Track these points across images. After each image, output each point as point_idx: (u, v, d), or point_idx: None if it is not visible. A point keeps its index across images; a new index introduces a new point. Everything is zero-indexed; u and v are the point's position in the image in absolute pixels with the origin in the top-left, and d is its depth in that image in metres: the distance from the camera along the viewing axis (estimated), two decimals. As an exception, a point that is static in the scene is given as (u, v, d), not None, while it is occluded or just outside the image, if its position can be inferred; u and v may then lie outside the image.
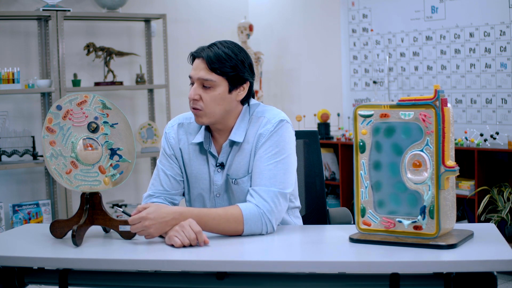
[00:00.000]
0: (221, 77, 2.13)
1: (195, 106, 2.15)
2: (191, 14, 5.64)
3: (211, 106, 2.13)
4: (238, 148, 2.20)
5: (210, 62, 2.11)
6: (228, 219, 2.02)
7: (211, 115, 2.15)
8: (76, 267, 1.97)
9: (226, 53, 2.12)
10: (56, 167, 2.04)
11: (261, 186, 2.10)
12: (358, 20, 5.14)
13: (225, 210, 2.05)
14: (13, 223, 4.59)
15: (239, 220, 2.02)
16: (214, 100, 2.13)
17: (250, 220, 2.03)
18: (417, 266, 1.73)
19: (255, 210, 2.05)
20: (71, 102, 2.08)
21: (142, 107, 5.41)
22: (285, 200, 2.12)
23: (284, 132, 2.17)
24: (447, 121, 1.80)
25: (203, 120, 2.16)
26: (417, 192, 1.85)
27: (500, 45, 4.22)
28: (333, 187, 5.25)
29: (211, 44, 2.17)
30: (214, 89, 2.13)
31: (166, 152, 2.28)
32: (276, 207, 2.08)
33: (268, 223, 2.06)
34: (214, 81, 2.12)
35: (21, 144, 4.65)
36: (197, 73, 2.13)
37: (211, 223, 2.01)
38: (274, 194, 2.08)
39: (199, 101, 2.14)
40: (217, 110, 2.15)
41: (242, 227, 2.03)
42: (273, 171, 2.11)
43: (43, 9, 4.69)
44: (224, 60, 2.11)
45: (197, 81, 2.14)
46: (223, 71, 2.12)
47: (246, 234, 2.04)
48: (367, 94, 5.13)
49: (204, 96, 2.13)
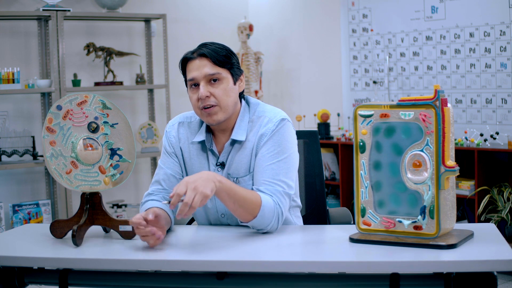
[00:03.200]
0: (226, 70, 2.16)
1: (208, 104, 2.14)
2: (191, 14, 5.65)
3: (224, 99, 2.15)
4: (239, 147, 2.20)
5: (213, 56, 2.14)
6: (252, 198, 2.04)
7: (226, 109, 2.16)
8: (76, 267, 1.97)
9: (220, 47, 2.17)
10: (56, 167, 2.04)
11: (265, 185, 2.11)
12: (358, 20, 5.14)
13: (250, 190, 2.08)
14: (13, 223, 4.59)
15: (258, 203, 2.04)
16: (225, 92, 2.15)
17: (266, 208, 2.05)
18: (417, 266, 1.73)
19: (271, 203, 2.07)
20: (71, 102, 2.09)
21: (142, 107, 5.41)
22: (289, 198, 2.14)
23: (286, 131, 2.18)
24: (447, 121, 1.80)
25: (219, 116, 2.16)
26: (417, 192, 1.85)
27: (500, 45, 4.22)
28: (333, 187, 5.25)
29: (201, 45, 2.19)
30: (222, 81, 2.15)
31: (167, 151, 2.29)
32: (284, 206, 2.11)
33: (276, 221, 2.08)
34: (221, 74, 2.15)
35: (21, 144, 4.66)
36: (202, 71, 2.14)
37: (240, 194, 2.01)
38: (279, 193, 2.10)
39: (211, 97, 2.14)
40: (230, 103, 2.17)
41: (257, 212, 2.03)
42: (275, 170, 2.12)
43: (43, 9, 4.69)
44: (223, 53, 2.16)
45: (204, 79, 2.14)
46: (226, 62, 2.16)
47: (255, 221, 2.05)
48: (367, 94, 5.13)
49: (214, 91, 2.14)
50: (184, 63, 2.20)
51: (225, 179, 2.00)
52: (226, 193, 1.99)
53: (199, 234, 2.17)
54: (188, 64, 2.18)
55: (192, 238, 2.15)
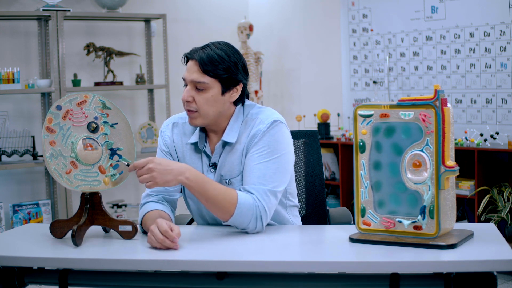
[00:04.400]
0: (214, 79, 2.12)
1: (189, 108, 2.16)
2: (191, 14, 5.64)
3: (205, 108, 2.14)
4: (230, 148, 2.20)
5: (203, 64, 2.11)
6: (225, 196, 2.04)
7: (205, 117, 2.16)
8: (76, 267, 1.97)
9: (219, 55, 2.12)
10: (56, 167, 2.04)
11: (250, 184, 2.10)
12: (358, 20, 5.13)
13: (225, 188, 2.08)
14: (13, 223, 4.59)
15: (233, 201, 2.03)
16: (207, 102, 2.14)
17: (243, 206, 2.03)
18: (417, 266, 1.73)
19: (250, 201, 2.05)
20: (71, 102, 2.09)
21: (142, 107, 5.41)
22: (275, 198, 2.12)
23: (277, 132, 2.16)
24: (447, 121, 1.80)
25: (197, 122, 2.17)
26: (417, 192, 1.85)
27: (500, 45, 4.22)
28: (333, 187, 5.25)
29: (204, 46, 2.17)
30: (207, 91, 2.13)
31: (162, 150, 2.30)
32: (267, 204, 2.08)
33: (258, 219, 2.06)
34: (207, 83, 2.12)
35: (21, 144, 4.65)
36: (190, 75, 2.14)
37: (211, 192, 2.03)
38: (263, 191, 2.08)
39: (192, 103, 2.14)
40: (211, 112, 2.15)
41: (233, 210, 2.03)
42: (262, 171, 2.11)
43: (43, 9, 4.69)
44: (217, 62, 2.11)
45: (190, 83, 2.14)
46: (216, 73, 2.11)
47: (233, 220, 2.04)
48: (367, 94, 5.13)
49: (197, 98, 2.14)
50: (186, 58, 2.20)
51: (196, 178, 2.02)
52: (196, 191, 2.03)
53: (199, 234, 2.17)
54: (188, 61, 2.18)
55: (192, 238, 2.14)
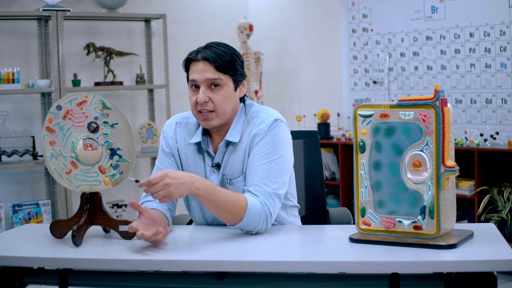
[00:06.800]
0: (227, 76, 2.14)
1: (205, 109, 2.14)
2: (191, 14, 5.64)
3: (222, 105, 2.14)
4: (233, 148, 2.20)
5: (216, 62, 2.12)
6: (234, 201, 2.03)
7: (223, 115, 2.15)
8: (76, 267, 1.97)
9: (225, 52, 2.14)
10: (56, 167, 2.04)
11: (255, 186, 2.10)
12: (358, 20, 5.13)
13: (233, 193, 2.07)
14: (13, 223, 4.59)
15: (242, 207, 2.03)
16: (224, 99, 2.14)
17: (252, 211, 2.03)
18: (417, 266, 1.73)
19: (259, 206, 2.05)
20: (71, 102, 2.09)
21: (142, 107, 5.41)
22: (279, 201, 2.12)
23: (278, 131, 2.16)
24: (447, 121, 1.80)
25: (214, 122, 2.16)
26: (417, 192, 1.85)
27: (500, 45, 4.22)
28: (333, 187, 5.25)
29: (206, 46, 2.17)
30: (222, 88, 2.14)
31: (164, 150, 2.29)
32: (272, 208, 2.09)
33: (264, 222, 2.06)
34: (223, 80, 2.13)
35: (21, 144, 4.65)
36: (203, 75, 2.13)
37: (220, 199, 2.02)
38: (269, 194, 2.08)
39: (209, 103, 2.13)
40: (228, 109, 2.15)
41: (243, 215, 2.03)
42: (266, 171, 2.11)
43: (43, 9, 4.69)
44: (227, 59, 2.13)
45: (204, 83, 2.13)
46: (229, 68, 2.13)
47: (241, 225, 2.04)
48: (367, 94, 5.13)
49: (213, 97, 2.13)
50: (188, 62, 2.19)
51: (205, 187, 2.00)
52: (204, 199, 2.01)
53: (198, 234, 2.17)
54: (192, 64, 2.17)
55: (192, 238, 2.15)
